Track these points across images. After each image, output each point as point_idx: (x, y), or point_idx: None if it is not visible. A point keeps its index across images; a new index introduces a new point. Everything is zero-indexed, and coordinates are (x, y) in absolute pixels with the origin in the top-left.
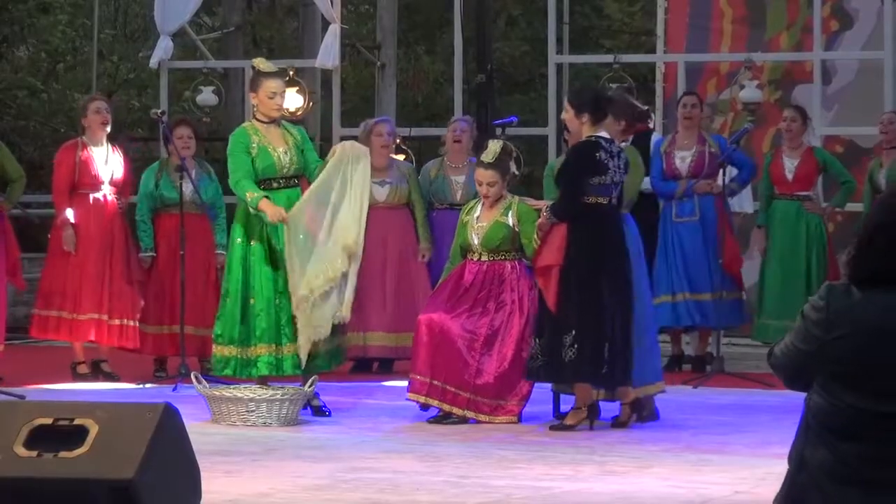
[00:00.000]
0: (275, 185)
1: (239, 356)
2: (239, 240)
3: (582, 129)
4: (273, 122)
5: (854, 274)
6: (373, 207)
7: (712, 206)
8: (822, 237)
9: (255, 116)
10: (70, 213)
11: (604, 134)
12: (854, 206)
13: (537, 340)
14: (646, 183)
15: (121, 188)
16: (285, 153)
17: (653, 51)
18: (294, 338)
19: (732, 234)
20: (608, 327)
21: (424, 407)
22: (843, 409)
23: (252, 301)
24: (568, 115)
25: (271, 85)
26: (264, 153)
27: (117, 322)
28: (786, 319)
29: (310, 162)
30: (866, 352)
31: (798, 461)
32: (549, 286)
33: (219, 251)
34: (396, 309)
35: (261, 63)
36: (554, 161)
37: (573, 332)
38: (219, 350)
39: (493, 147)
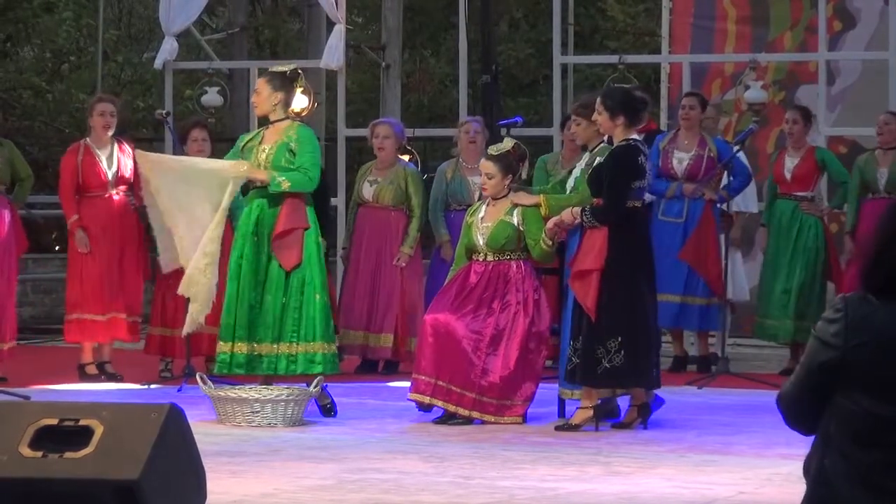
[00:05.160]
0: (257, 184)
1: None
2: (240, 242)
3: (616, 131)
4: (279, 120)
5: (870, 283)
6: (367, 206)
7: (700, 211)
8: (819, 238)
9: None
10: (74, 216)
11: (636, 136)
12: None
13: (573, 343)
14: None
15: (132, 187)
16: (263, 151)
17: (656, 51)
18: (245, 336)
19: (717, 242)
20: (653, 330)
21: (425, 408)
22: (863, 417)
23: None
24: (601, 117)
25: (256, 84)
26: (248, 152)
27: (131, 320)
28: (779, 319)
29: (299, 161)
30: (887, 360)
31: (817, 472)
32: (589, 291)
33: None
34: (363, 308)
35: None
36: (547, 155)
37: (619, 338)
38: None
39: (505, 143)
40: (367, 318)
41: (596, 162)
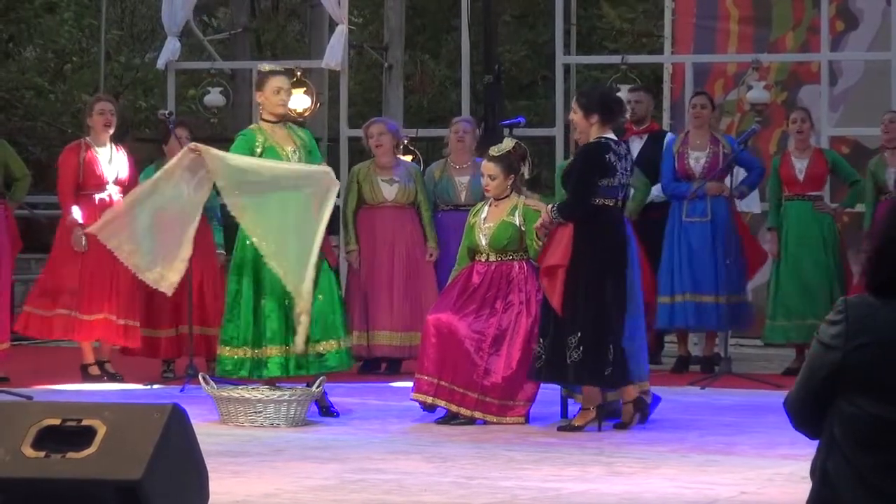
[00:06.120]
0: None
1: (252, 357)
2: (249, 241)
3: (591, 129)
4: (280, 122)
5: (871, 283)
6: (381, 206)
7: (724, 208)
8: (835, 237)
9: (261, 117)
10: (78, 214)
11: (612, 135)
12: (861, 207)
13: (542, 341)
14: (655, 191)
15: (126, 188)
16: (294, 152)
17: (654, 53)
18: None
19: (749, 232)
20: (612, 329)
21: (428, 408)
22: (865, 418)
23: (263, 301)
24: (577, 115)
25: (276, 81)
26: (272, 152)
27: (122, 322)
28: (798, 320)
29: (319, 164)
30: (887, 361)
31: (821, 473)
32: (555, 287)
33: (218, 251)
34: (404, 308)
35: (265, 66)
36: (564, 162)
37: (578, 334)
38: (232, 352)
39: (505, 143)
40: (411, 318)
41: None
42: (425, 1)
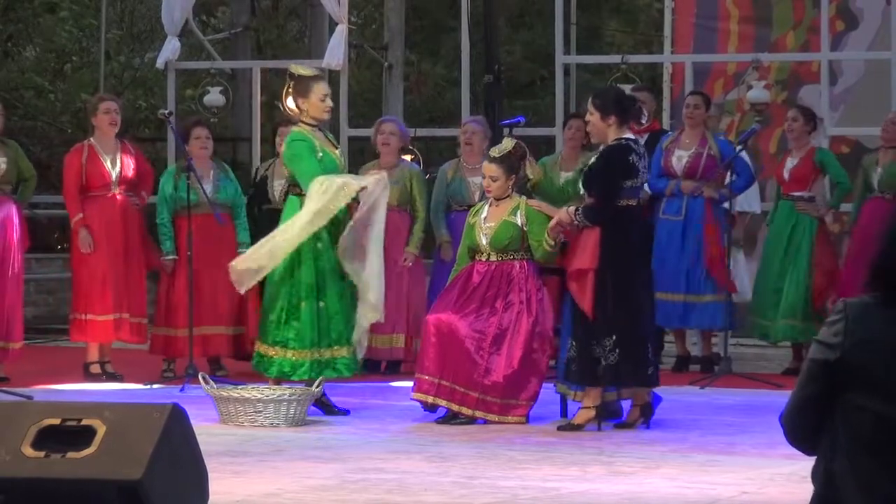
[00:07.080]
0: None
1: (316, 358)
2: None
3: (608, 131)
4: (317, 126)
5: (871, 285)
6: None
7: (701, 208)
8: (812, 238)
9: (301, 121)
10: (80, 216)
11: (630, 135)
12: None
13: (573, 343)
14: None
15: (135, 186)
16: (341, 155)
17: (654, 53)
18: (349, 340)
19: (720, 239)
20: (648, 328)
21: (429, 407)
22: (867, 418)
23: (322, 304)
24: (593, 117)
25: (321, 87)
26: (328, 157)
27: (136, 320)
28: (765, 320)
29: None
30: (886, 360)
31: (825, 474)
32: (585, 291)
33: (241, 249)
34: None
35: (301, 69)
36: (547, 157)
37: (614, 337)
38: (295, 354)
39: (505, 144)
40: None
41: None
42: (425, 1)
